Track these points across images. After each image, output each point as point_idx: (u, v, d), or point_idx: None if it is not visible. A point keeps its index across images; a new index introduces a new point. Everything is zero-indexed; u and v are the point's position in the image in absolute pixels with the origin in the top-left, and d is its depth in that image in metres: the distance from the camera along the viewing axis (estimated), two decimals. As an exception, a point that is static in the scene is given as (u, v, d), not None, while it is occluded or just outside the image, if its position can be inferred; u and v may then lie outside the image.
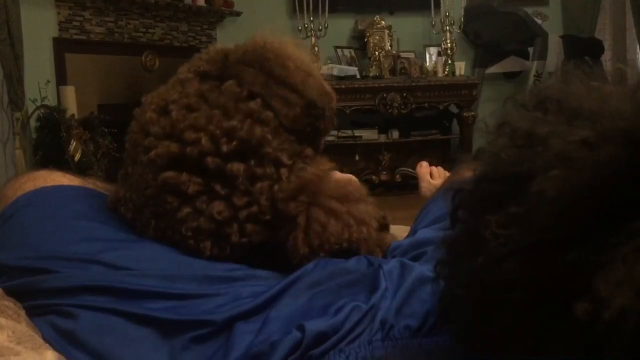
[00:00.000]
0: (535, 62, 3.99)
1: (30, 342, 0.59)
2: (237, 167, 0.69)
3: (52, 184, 0.83)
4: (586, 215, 0.32)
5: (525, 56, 4.23)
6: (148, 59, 3.61)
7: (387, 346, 0.53)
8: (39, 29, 3.14)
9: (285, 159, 0.72)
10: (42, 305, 0.66)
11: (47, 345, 0.61)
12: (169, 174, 0.69)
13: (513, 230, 0.34)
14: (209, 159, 0.69)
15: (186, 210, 0.69)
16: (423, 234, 0.79)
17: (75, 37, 3.33)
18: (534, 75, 3.96)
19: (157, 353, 0.60)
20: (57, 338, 0.63)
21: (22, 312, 0.67)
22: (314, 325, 0.55)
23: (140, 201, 0.73)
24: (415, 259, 0.70)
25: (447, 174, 1.40)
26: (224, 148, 0.69)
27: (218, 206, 0.69)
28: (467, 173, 0.44)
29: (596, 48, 4.01)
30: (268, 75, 0.74)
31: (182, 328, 0.61)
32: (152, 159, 0.70)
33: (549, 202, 0.32)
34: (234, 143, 0.69)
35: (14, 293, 0.68)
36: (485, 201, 0.37)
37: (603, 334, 0.28)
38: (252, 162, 0.70)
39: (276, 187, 0.70)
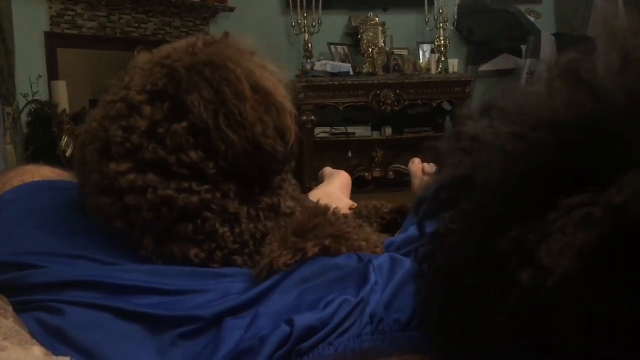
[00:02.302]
0: (529, 60, 3.99)
1: (17, 337, 0.59)
2: (184, 227, 0.69)
3: (40, 178, 0.82)
4: (526, 197, 0.35)
5: (519, 54, 4.23)
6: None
7: (376, 340, 0.53)
8: (30, 24, 3.12)
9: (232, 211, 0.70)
10: (29, 301, 0.65)
11: (34, 341, 0.61)
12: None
13: (465, 224, 0.38)
14: (155, 224, 0.69)
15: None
16: (413, 231, 0.79)
17: (67, 31, 3.31)
18: (527, 73, 3.97)
19: (145, 349, 0.59)
20: (44, 334, 0.62)
21: (9, 308, 0.66)
22: (303, 320, 0.55)
23: None
24: (408, 254, 0.70)
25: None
26: (166, 218, 0.68)
27: (193, 250, 0.69)
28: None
29: (588, 46, 4.01)
30: (221, 103, 0.68)
31: (170, 324, 0.61)
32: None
33: (493, 192, 0.36)
34: (174, 213, 0.68)
35: (0, 289, 0.67)
36: (444, 206, 0.41)
37: (547, 300, 0.30)
38: (199, 222, 0.69)
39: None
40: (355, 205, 1.17)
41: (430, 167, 1.44)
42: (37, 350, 0.57)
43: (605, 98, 0.34)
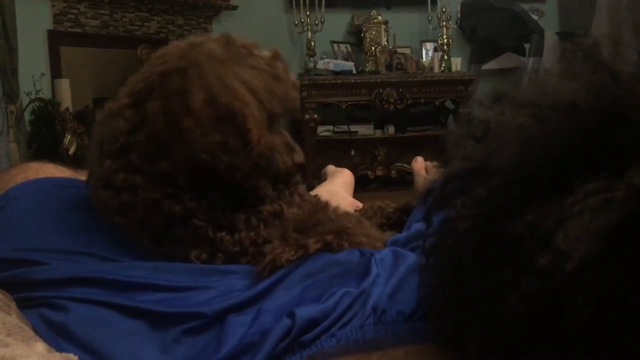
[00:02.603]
0: (532, 59, 3.98)
1: (20, 334, 0.59)
2: (179, 230, 0.70)
3: (43, 175, 0.82)
4: (541, 181, 0.34)
5: (522, 52, 4.22)
6: (143, 52, 3.58)
7: (379, 330, 0.52)
8: (33, 22, 3.12)
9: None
10: (32, 297, 0.66)
11: (38, 337, 0.61)
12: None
13: (477, 209, 0.37)
14: (151, 223, 0.70)
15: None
16: (419, 226, 0.79)
17: (70, 29, 3.31)
18: (530, 72, 3.96)
19: (148, 346, 0.59)
20: (48, 330, 0.62)
21: (13, 304, 0.66)
22: (305, 312, 0.55)
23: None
24: (413, 250, 0.70)
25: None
26: (158, 220, 0.69)
27: (194, 251, 0.70)
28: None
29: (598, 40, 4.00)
30: (170, 115, 0.66)
31: (173, 320, 0.61)
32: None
33: (507, 176, 0.36)
34: (163, 216, 0.69)
35: (4, 285, 0.67)
36: (453, 194, 0.40)
37: (564, 284, 0.30)
38: (190, 229, 0.70)
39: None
40: (359, 203, 1.17)
41: (433, 166, 1.43)
42: (40, 347, 0.57)
43: (626, 84, 0.34)
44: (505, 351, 0.35)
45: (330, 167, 1.60)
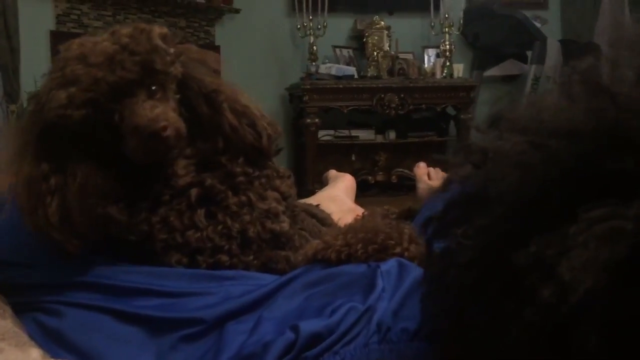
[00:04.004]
0: (534, 66, 3.98)
1: (14, 339, 0.58)
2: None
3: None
4: (543, 210, 0.34)
5: (524, 59, 4.22)
6: (145, 54, 3.58)
7: (383, 349, 0.51)
8: (36, 22, 3.12)
9: None
10: (28, 302, 0.65)
11: (32, 342, 0.60)
12: None
13: (478, 239, 0.37)
14: None
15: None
16: None
17: (72, 30, 3.30)
18: (532, 79, 3.95)
19: (145, 353, 0.58)
20: (43, 335, 0.62)
21: (8, 308, 0.65)
22: (309, 326, 0.54)
23: None
24: None
25: (445, 175, 1.39)
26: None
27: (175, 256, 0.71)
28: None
29: (594, 53, 4.00)
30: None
31: (171, 326, 0.60)
32: None
33: (507, 205, 0.35)
34: None
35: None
36: (453, 224, 0.40)
37: (569, 316, 0.30)
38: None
39: None
40: (360, 209, 1.16)
41: (436, 172, 1.43)
42: (35, 353, 0.57)
43: (628, 107, 0.33)
44: None
45: (332, 172, 1.59)
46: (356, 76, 3.92)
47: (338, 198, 1.29)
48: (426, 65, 4.17)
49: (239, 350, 0.55)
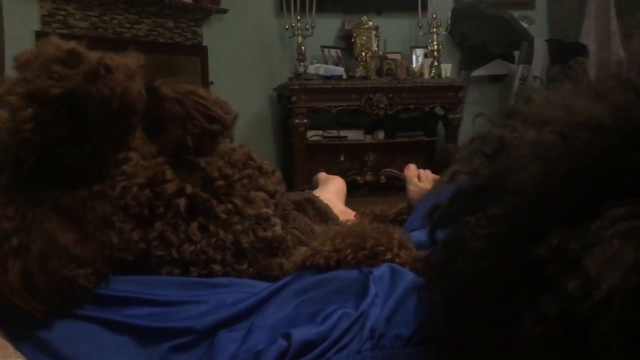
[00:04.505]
0: (521, 66, 4.00)
1: (0, 351, 0.56)
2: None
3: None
4: (565, 203, 0.33)
5: (511, 59, 4.24)
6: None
7: (376, 356, 0.51)
8: (21, 23, 3.08)
9: None
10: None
11: (19, 353, 0.59)
12: None
13: (493, 228, 0.36)
14: None
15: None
16: (415, 237, 0.77)
17: (58, 31, 3.27)
18: (519, 79, 3.97)
19: None
20: (30, 346, 0.60)
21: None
22: (301, 334, 0.53)
23: None
24: None
25: (435, 177, 1.39)
26: None
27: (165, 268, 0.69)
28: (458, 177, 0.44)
29: (581, 52, 4.04)
30: None
31: (161, 336, 0.59)
32: None
33: (527, 196, 0.34)
34: None
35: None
36: (462, 212, 0.39)
37: (590, 311, 0.29)
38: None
39: None
40: (351, 211, 1.15)
41: (426, 174, 1.43)
42: (22, 364, 0.55)
43: None
44: None
45: (322, 175, 1.59)
46: (344, 76, 3.92)
47: (329, 201, 1.28)
48: (414, 65, 4.18)
49: (230, 359, 0.54)
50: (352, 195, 3.40)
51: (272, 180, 0.80)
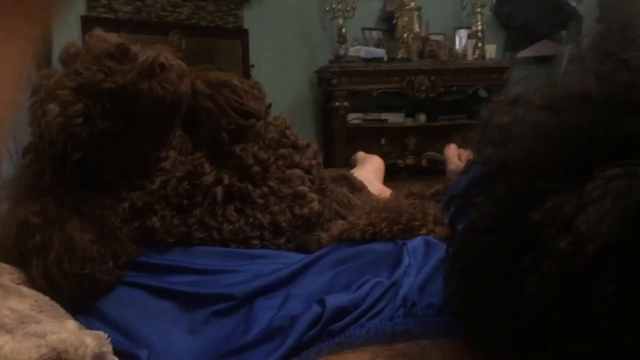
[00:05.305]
0: (569, 46, 3.88)
1: (51, 311, 0.59)
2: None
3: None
4: (560, 173, 0.34)
5: (559, 40, 4.12)
6: (175, 38, 3.61)
7: (408, 322, 0.51)
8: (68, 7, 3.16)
9: None
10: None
11: (69, 315, 0.61)
12: None
13: (498, 206, 0.38)
14: None
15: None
16: None
17: (103, 15, 3.35)
18: (567, 60, 3.86)
19: (177, 326, 0.60)
20: (79, 308, 0.63)
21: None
22: (335, 300, 0.54)
23: None
24: None
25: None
26: None
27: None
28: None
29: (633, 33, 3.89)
30: None
31: (203, 301, 0.61)
32: None
33: (524, 168, 0.36)
34: None
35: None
36: (475, 197, 0.41)
37: (586, 265, 0.31)
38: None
39: None
40: (388, 190, 1.15)
41: (467, 154, 1.41)
42: (71, 324, 0.58)
43: (638, 69, 0.34)
44: (522, 342, 0.35)
45: (360, 154, 1.59)
46: (386, 58, 3.88)
47: (367, 180, 1.28)
48: (457, 47, 4.10)
49: (268, 324, 0.55)
50: (393, 178, 3.39)
51: (307, 155, 0.80)
